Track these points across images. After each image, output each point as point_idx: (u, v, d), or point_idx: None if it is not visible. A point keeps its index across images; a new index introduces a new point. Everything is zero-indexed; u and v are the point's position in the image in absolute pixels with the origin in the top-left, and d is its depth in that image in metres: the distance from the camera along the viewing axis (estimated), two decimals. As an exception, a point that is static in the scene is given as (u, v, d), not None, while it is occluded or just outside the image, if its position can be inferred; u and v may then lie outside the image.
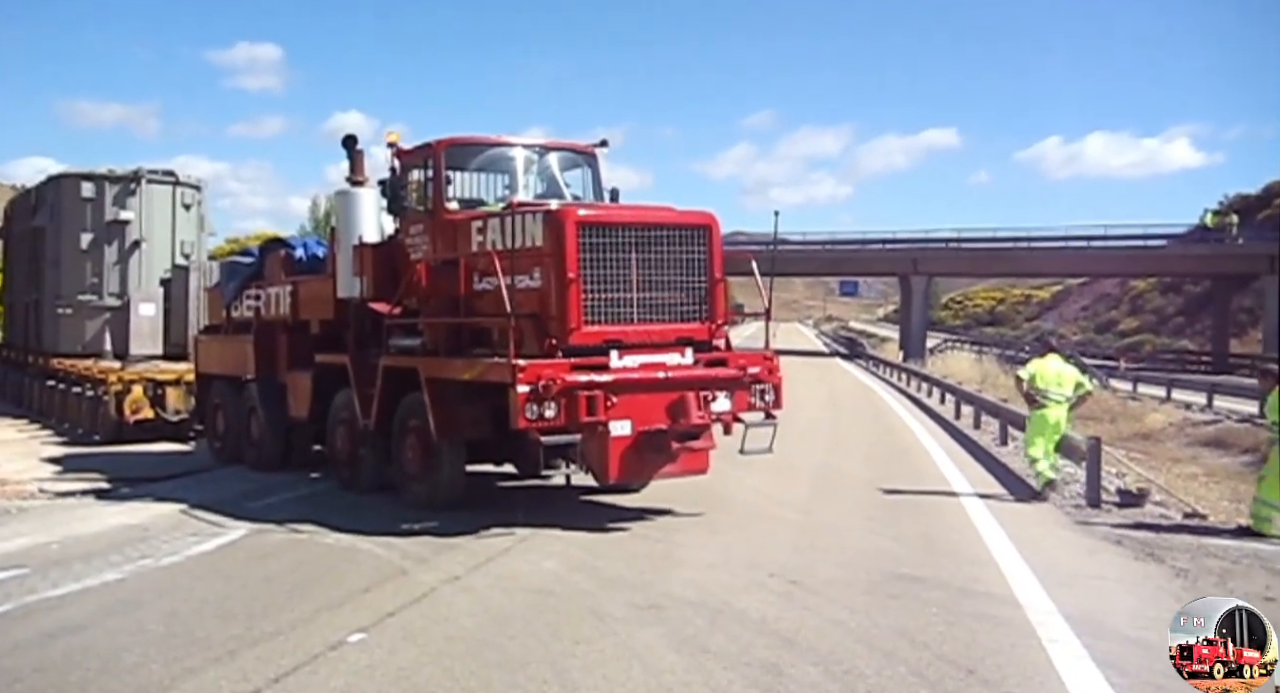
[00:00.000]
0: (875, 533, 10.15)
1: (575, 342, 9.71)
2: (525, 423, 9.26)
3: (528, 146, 11.99)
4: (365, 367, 11.72)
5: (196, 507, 11.41)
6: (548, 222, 9.85)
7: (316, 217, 59.79)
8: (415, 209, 11.63)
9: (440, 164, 11.25)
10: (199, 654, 6.27)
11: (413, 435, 10.91)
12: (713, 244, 10.43)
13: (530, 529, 9.88)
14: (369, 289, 11.80)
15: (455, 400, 10.44)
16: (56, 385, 20.73)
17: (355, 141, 12.75)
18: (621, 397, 9.57)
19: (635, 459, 9.76)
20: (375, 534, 9.71)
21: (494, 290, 9.97)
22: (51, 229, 21.62)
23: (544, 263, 9.83)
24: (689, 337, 10.32)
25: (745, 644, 6.48)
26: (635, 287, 9.96)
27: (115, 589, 8.00)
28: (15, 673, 6.00)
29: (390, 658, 6.19)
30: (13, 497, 12.53)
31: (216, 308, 16.59)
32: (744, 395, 10.50)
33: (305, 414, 13.22)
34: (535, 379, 9.22)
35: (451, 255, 10.90)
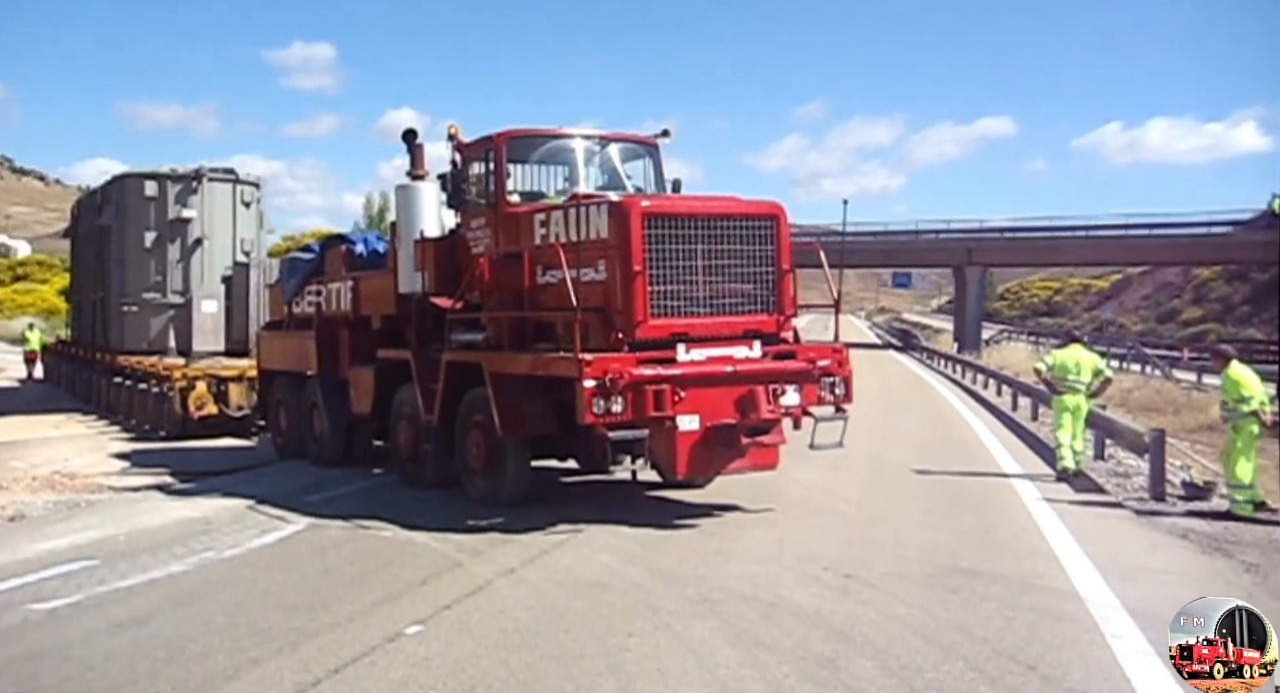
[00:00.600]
0: (931, 526, 10.03)
1: (642, 335, 9.56)
2: (592, 418, 9.13)
3: (589, 138, 11.84)
4: (428, 362, 11.66)
5: (257, 500, 11.62)
6: (613, 213, 9.71)
7: (370, 213, 60.37)
8: (476, 202, 11.54)
9: (502, 156, 11.15)
10: (261, 645, 6.41)
11: (477, 431, 10.84)
12: (780, 234, 10.22)
13: (583, 523, 9.88)
14: (430, 284, 11.76)
15: (519, 395, 10.35)
16: (123, 382, 21.01)
17: (415, 135, 12.67)
18: (689, 391, 9.40)
19: (703, 454, 9.60)
20: (431, 527, 9.79)
21: (558, 284, 9.88)
22: (116, 228, 21.96)
23: (609, 255, 9.68)
24: (756, 329, 10.14)
25: (800, 638, 6.44)
26: (702, 278, 9.80)
27: (180, 581, 8.22)
28: (88, 661, 6.19)
29: (447, 650, 6.27)
30: (82, 490, 12.86)
31: (278, 304, 16.68)
32: (813, 389, 10.28)
33: (368, 410, 13.20)
34: (602, 373, 9.09)
35: (514, 249, 10.80)
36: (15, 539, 9.94)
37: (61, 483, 13.32)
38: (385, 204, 61.65)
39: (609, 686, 5.69)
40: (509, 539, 9.33)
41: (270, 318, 17.63)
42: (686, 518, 10.25)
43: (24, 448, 17.28)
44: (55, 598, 7.65)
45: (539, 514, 10.21)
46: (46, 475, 13.78)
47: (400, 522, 10.09)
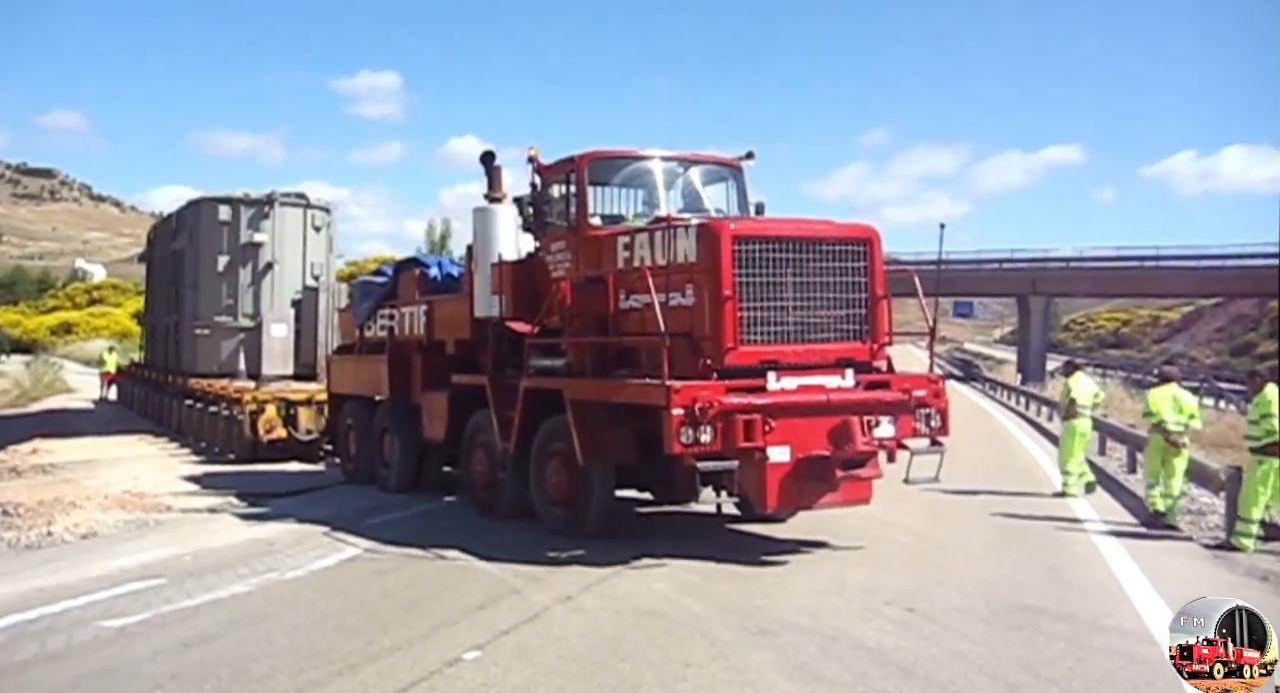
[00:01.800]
0: (995, 560, 9.83)
1: (731, 362, 9.22)
2: (680, 448, 8.81)
3: (671, 160, 11.55)
4: (504, 388, 11.43)
5: (318, 523, 11.75)
6: (701, 235, 9.43)
7: (432, 239, 60.94)
8: (556, 225, 11.34)
9: (583, 178, 10.95)
10: (322, 667, 6.47)
11: (556, 460, 10.57)
12: (874, 259, 9.87)
13: (640, 551, 9.77)
14: (508, 308, 11.55)
15: (600, 423, 10.06)
16: (194, 405, 21.24)
17: (493, 157, 12.50)
18: (780, 421, 9.05)
19: (794, 487, 9.23)
20: (488, 553, 9.79)
21: (642, 309, 9.69)
22: (190, 252, 22.37)
23: (697, 279, 9.41)
24: (849, 357, 9.76)
25: (860, 673, 6.33)
26: (792, 304, 9.45)
27: (244, 601, 8.32)
28: (155, 679, 6.32)
29: (505, 677, 6.28)
30: (150, 510, 13.11)
31: (349, 328, 16.57)
32: (908, 420, 9.88)
33: (441, 436, 12.98)
34: (690, 402, 8.78)
35: (596, 272, 10.57)
36: (88, 557, 10.17)
37: (131, 502, 13.54)
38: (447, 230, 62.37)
39: (665, 716, 5.64)
40: (564, 565, 9.30)
41: (341, 342, 17.59)
42: (743, 548, 10.09)
43: (97, 467, 17.67)
44: (125, 615, 7.80)
45: (619, 546, 9.97)
46: (117, 495, 14.02)
47: (458, 546, 10.09)
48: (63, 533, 11.45)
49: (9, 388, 37.01)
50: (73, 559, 10.05)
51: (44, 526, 11.80)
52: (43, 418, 27.67)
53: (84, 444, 21.10)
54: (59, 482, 15.87)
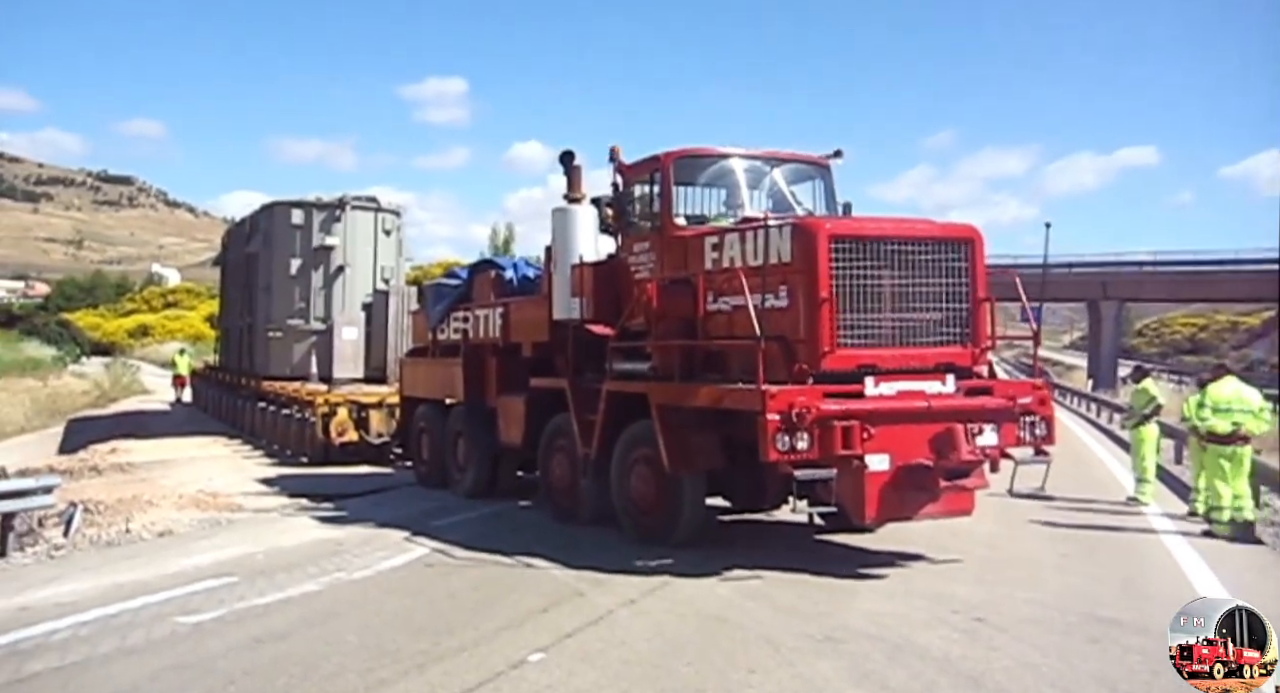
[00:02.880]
0: (1068, 571, 9.60)
1: (827, 367, 8.86)
2: (776, 455, 8.48)
3: (759, 158, 11.21)
4: (585, 392, 11.19)
5: (384, 524, 11.88)
6: (796, 235, 9.08)
7: (496, 244, 61.28)
8: (640, 225, 11.11)
9: (669, 177, 10.68)
10: (390, 666, 6.52)
11: (642, 466, 10.30)
12: (976, 260, 9.46)
13: (702, 554, 9.71)
14: (589, 310, 11.30)
15: (687, 429, 9.80)
16: (267, 407, 21.46)
17: (573, 157, 12.32)
18: (879, 428, 8.68)
19: (894, 497, 8.83)
20: (551, 555, 9.79)
21: (731, 311, 9.45)
22: (264, 255, 22.59)
23: (791, 281, 9.06)
24: (950, 362, 9.35)
25: (928, 682, 6.23)
26: (890, 306, 9.09)
27: (313, 600, 8.44)
28: (229, 675, 6.42)
29: (569, 679, 6.27)
30: (223, 509, 13.38)
31: (421, 331, 16.46)
32: (1012, 428, 9.44)
33: (518, 441, 12.75)
34: (787, 407, 8.45)
35: (682, 274, 10.32)
36: (164, 554, 10.43)
37: (205, 502, 13.84)
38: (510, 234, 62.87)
39: (731, 722, 5.60)
40: (627, 568, 9.25)
41: (413, 344, 17.51)
42: (807, 554, 9.98)
43: (172, 467, 18.06)
44: (200, 612, 7.95)
45: (683, 551, 9.83)
46: (192, 494, 14.34)
47: (522, 549, 10.14)
48: (140, 531, 11.73)
49: (90, 389, 38.03)
50: (150, 556, 10.31)
51: (123, 523, 12.10)
52: (121, 419, 28.37)
53: (160, 445, 21.55)
54: (136, 481, 16.26)
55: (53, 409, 31.23)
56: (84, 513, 12.38)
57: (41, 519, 11.91)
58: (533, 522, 12.02)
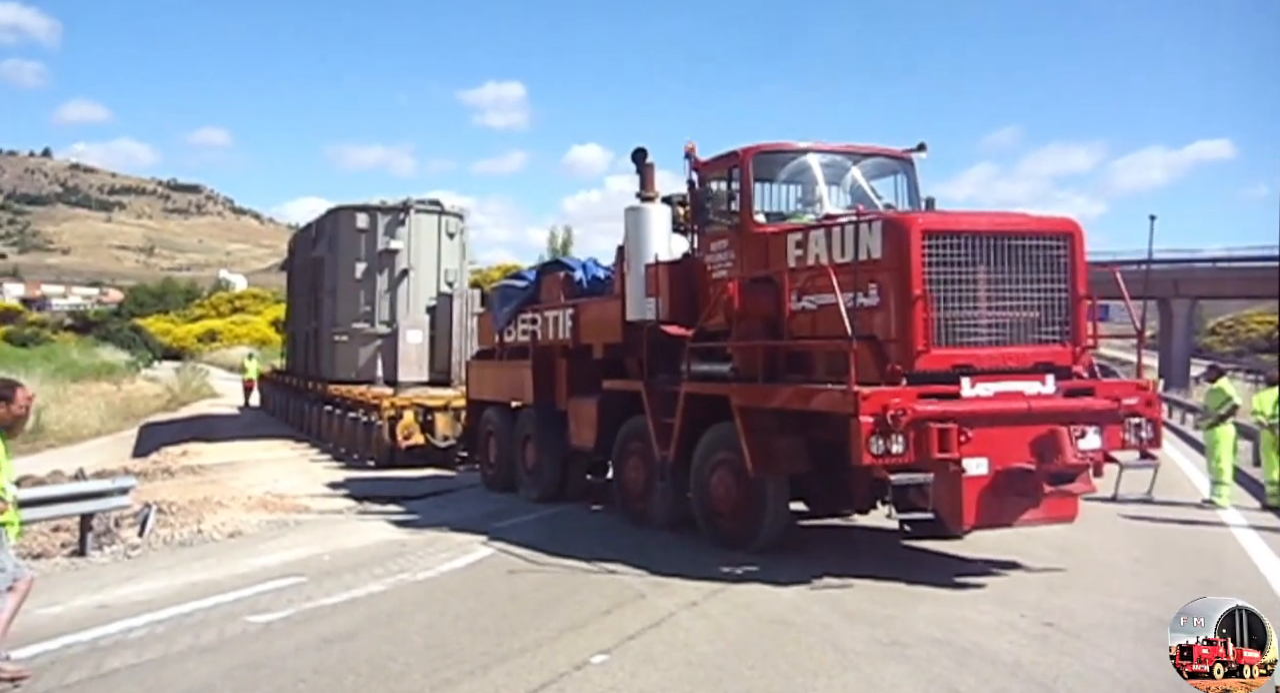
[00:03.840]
0: (1142, 575, 9.30)
1: (921, 367, 8.53)
2: (870, 459, 8.16)
3: (839, 153, 10.89)
4: (662, 394, 10.95)
5: (447, 525, 11.96)
6: (888, 231, 8.75)
7: (554, 247, 61.61)
8: (718, 223, 10.85)
9: (748, 173, 10.38)
10: (455, 667, 6.56)
11: (723, 470, 10.02)
12: (1076, 255, 9.03)
13: (766, 558, 9.57)
14: (664, 311, 11.03)
15: (771, 432, 9.50)
16: (334, 411, 21.60)
17: (645, 155, 12.07)
18: (977, 430, 8.30)
19: (993, 503, 8.42)
20: (612, 557, 9.75)
21: (817, 310, 9.18)
22: (329, 259, 22.72)
23: (882, 278, 8.73)
24: (1049, 361, 8.94)
25: (998, 689, 6.10)
26: (986, 304, 8.74)
27: (379, 600, 8.50)
28: (298, 673, 6.51)
29: (632, 681, 6.26)
30: (290, 511, 13.58)
31: (488, 333, 16.31)
32: (1116, 431, 8.99)
33: (590, 444, 12.52)
34: (881, 409, 8.11)
35: (763, 272, 10.03)
36: (234, 554, 10.60)
37: (273, 503, 14.04)
38: (568, 237, 63.31)
39: (797, 728, 5.55)
40: (688, 571, 9.16)
41: (479, 346, 17.39)
42: (871, 556, 9.86)
43: (240, 470, 18.37)
44: (269, 612, 8.05)
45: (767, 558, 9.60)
46: (260, 496, 14.57)
47: (582, 550, 10.12)
48: (211, 531, 11.94)
49: (161, 393, 38.86)
50: (220, 557, 10.48)
51: (194, 524, 12.35)
52: (191, 423, 28.92)
53: (229, 448, 21.93)
54: (206, 483, 16.59)
55: (126, 413, 31.95)
56: (158, 514, 12.60)
57: (118, 520, 12.15)
58: (594, 524, 12.01)
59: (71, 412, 28.72)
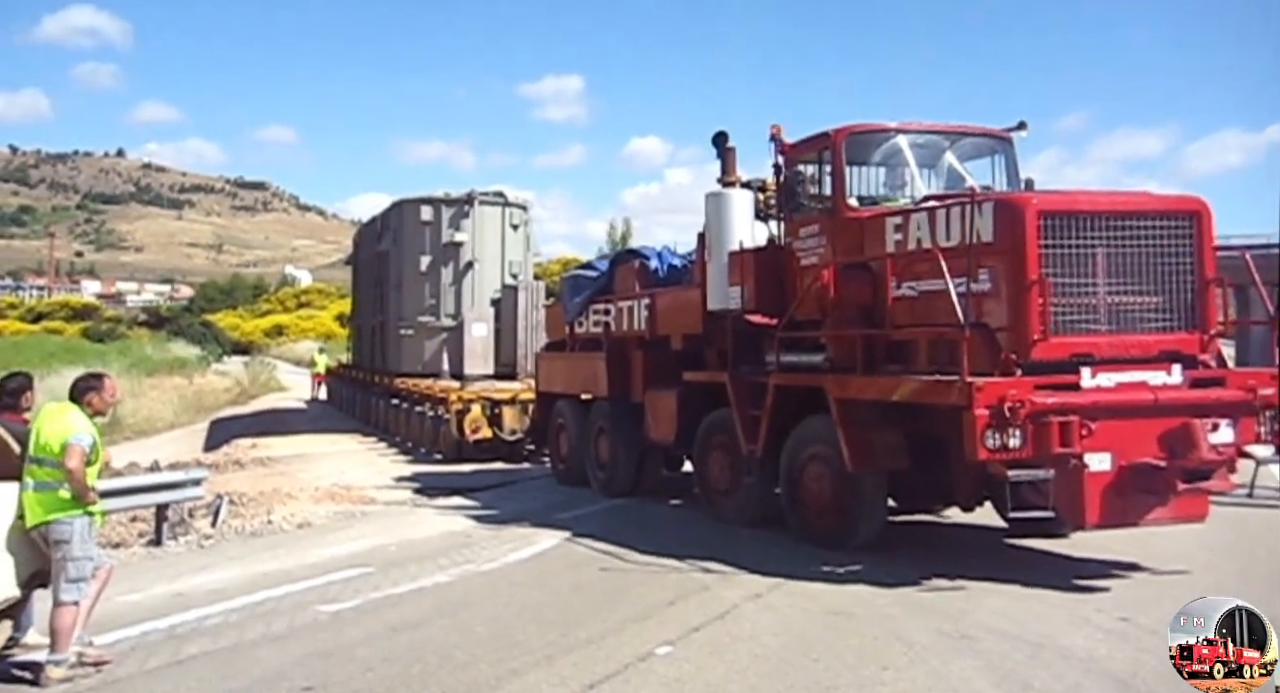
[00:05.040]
0: (1219, 569, 8.85)
1: (1037, 356, 8.03)
2: (986, 454, 7.68)
3: (936, 132, 10.39)
4: (748, 386, 10.54)
5: (511, 516, 12.04)
6: (1001, 212, 8.24)
7: (613, 239, 61.69)
8: (808, 208, 10.37)
9: (840, 156, 9.91)
10: (520, 657, 6.56)
11: (816, 464, 9.60)
12: (1203, 236, 8.43)
13: (840, 554, 9.38)
14: (749, 300, 10.62)
15: (869, 425, 9.08)
16: (400, 404, 21.51)
17: (726, 139, 11.69)
18: (1099, 423, 7.74)
19: (1117, 501, 7.87)
20: (675, 549, 9.70)
21: (918, 297, 8.77)
22: (394, 253, 22.70)
23: (994, 262, 8.23)
24: (1175, 350, 8.36)
25: (1073, 684, 5.94)
26: (1106, 289, 8.20)
27: (445, 591, 8.56)
28: (368, 662, 6.57)
29: (698, 673, 6.22)
30: (357, 502, 13.74)
31: (557, 324, 16.03)
32: (1250, 424, 8.36)
33: (669, 438, 12.15)
34: (997, 401, 7.62)
35: (858, 258, 9.62)
36: (304, 545, 10.78)
37: (340, 494, 14.20)
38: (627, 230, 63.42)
39: (865, 721, 5.45)
40: (751, 563, 9.05)
41: (549, 338, 17.17)
42: (935, 548, 9.74)
43: (308, 462, 18.58)
44: (338, 601, 8.15)
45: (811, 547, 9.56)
46: (327, 488, 14.74)
47: (646, 542, 10.07)
48: (281, 522, 12.12)
49: (231, 386, 39.56)
50: (290, 547, 10.63)
51: (265, 515, 12.54)
52: (260, 417, 29.32)
53: (296, 441, 22.15)
54: (276, 474, 16.86)
55: (198, 406, 32.52)
56: (229, 505, 12.83)
57: (192, 510, 12.36)
58: (657, 516, 11.94)
59: (146, 405, 29.28)
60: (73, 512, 6.41)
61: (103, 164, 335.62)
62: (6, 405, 7.00)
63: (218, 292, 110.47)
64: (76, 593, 6.40)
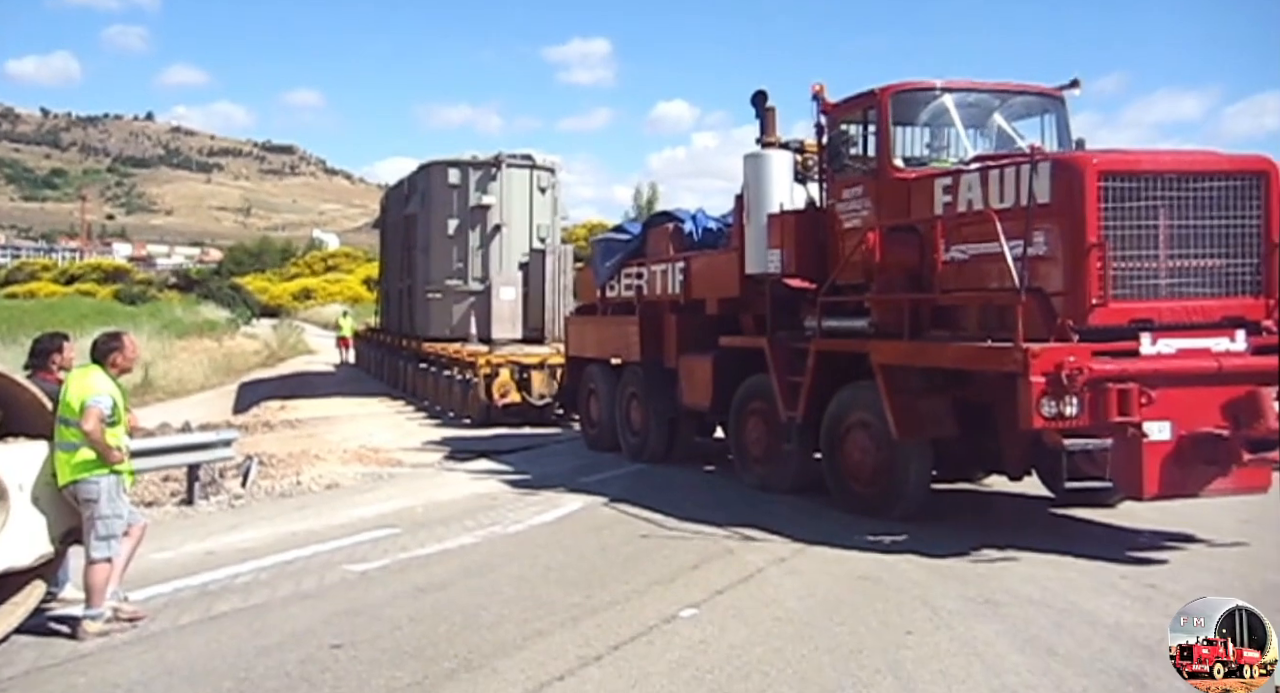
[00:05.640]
0: (1252, 537, 8.64)
1: (1095, 322, 7.75)
2: (1041, 422, 7.45)
3: (985, 91, 10.05)
4: (788, 351, 10.33)
5: (536, 479, 12.14)
6: (1059, 172, 7.91)
7: (640, 204, 61.45)
8: (852, 169, 10.08)
9: (886, 115, 9.59)
10: (545, 618, 6.60)
11: (858, 432, 9.40)
12: (1270, 197, 8.06)
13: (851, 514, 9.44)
14: (789, 263, 10.37)
15: (914, 392, 8.86)
16: (428, 368, 21.46)
17: (765, 98, 11.37)
18: (1159, 391, 7.48)
19: (1176, 471, 7.60)
20: (698, 513, 9.71)
21: (968, 260, 8.49)
22: (422, 216, 22.53)
23: (1050, 224, 7.92)
24: (1239, 315, 8.04)
25: (1098, 650, 5.89)
26: (1167, 252, 7.88)
27: (471, 552, 8.61)
28: (395, 621, 6.62)
29: (721, 635, 6.24)
30: (384, 464, 13.87)
31: (588, 288, 15.77)
32: None
33: (705, 403, 11.95)
34: (1054, 368, 7.37)
35: (904, 221, 9.31)
36: (333, 505, 10.85)
37: (367, 456, 14.34)
38: (654, 194, 63.11)
39: (888, 684, 5.40)
40: (777, 526, 9.06)
41: (580, 302, 16.94)
42: (961, 513, 9.66)
43: (336, 424, 18.69)
44: (366, 561, 8.22)
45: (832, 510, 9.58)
46: (355, 449, 14.89)
47: (670, 505, 10.10)
48: (309, 483, 12.25)
49: (260, 349, 39.85)
50: (318, 508, 10.73)
51: (294, 476, 12.66)
52: (289, 380, 29.48)
53: (324, 404, 22.27)
54: (304, 436, 16.94)
55: (228, 368, 32.76)
56: (259, 466, 12.94)
57: (222, 471, 12.50)
58: (680, 480, 11.92)
59: (177, 367, 29.51)
60: (99, 471, 6.47)
61: (132, 127, 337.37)
62: (38, 365, 7.12)
63: (246, 255, 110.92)
64: (107, 550, 6.50)
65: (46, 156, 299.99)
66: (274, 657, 6.01)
